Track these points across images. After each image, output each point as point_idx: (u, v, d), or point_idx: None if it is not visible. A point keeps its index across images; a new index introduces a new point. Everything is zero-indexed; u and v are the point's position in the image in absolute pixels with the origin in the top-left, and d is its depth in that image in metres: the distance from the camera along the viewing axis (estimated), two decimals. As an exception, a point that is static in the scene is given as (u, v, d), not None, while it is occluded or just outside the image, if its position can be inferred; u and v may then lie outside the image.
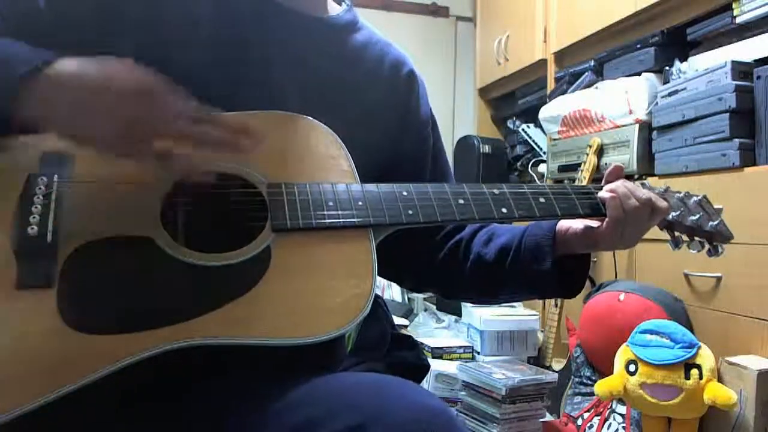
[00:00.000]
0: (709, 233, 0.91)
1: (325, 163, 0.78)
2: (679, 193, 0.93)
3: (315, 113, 0.80)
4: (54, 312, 0.63)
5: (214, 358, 0.68)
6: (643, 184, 0.90)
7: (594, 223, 0.87)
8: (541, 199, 0.84)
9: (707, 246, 0.93)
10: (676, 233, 0.93)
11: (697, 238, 0.93)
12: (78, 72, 0.66)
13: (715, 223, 0.91)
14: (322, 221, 0.72)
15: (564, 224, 0.89)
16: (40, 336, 0.62)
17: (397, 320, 2.06)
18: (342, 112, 0.85)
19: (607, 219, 0.85)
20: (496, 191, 0.82)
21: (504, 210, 0.81)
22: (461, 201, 0.80)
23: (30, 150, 0.69)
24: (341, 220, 0.73)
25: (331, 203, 0.73)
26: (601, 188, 0.88)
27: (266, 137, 0.73)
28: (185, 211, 0.74)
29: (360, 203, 0.75)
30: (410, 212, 0.76)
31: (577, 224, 0.89)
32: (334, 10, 0.94)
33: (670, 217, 0.89)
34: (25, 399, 0.58)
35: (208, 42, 0.80)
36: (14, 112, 0.65)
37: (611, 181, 0.89)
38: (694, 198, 0.93)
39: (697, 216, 0.90)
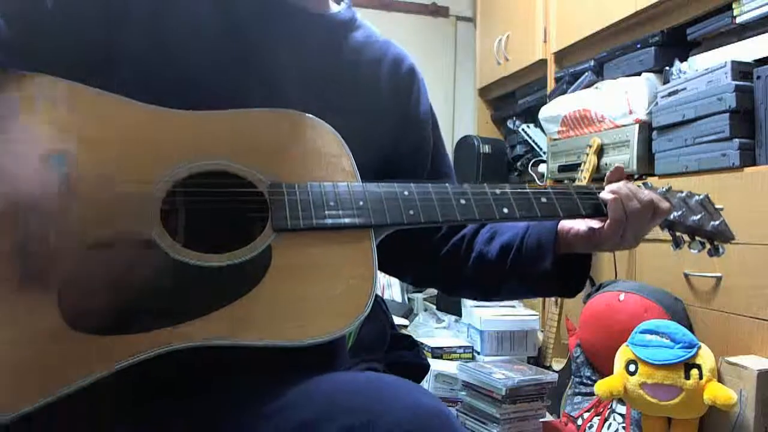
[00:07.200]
0: (710, 233, 0.91)
1: (327, 162, 0.77)
2: (681, 192, 0.92)
3: (315, 110, 0.80)
4: (55, 312, 0.62)
5: (213, 358, 0.68)
6: (645, 184, 0.90)
7: (596, 224, 0.87)
8: (543, 200, 0.83)
9: (708, 246, 0.92)
10: (678, 233, 0.92)
11: (698, 238, 0.92)
12: None
13: (717, 223, 0.91)
14: (323, 221, 0.72)
15: (566, 224, 0.89)
16: (41, 335, 0.61)
17: (397, 320, 2.06)
18: (342, 109, 0.84)
19: (608, 220, 0.84)
20: (497, 191, 0.82)
21: (506, 210, 0.80)
22: (463, 201, 0.79)
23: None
24: (342, 220, 0.73)
25: (332, 203, 0.73)
26: (602, 189, 0.88)
27: (268, 135, 0.73)
28: (185, 211, 0.73)
29: (361, 203, 0.74)
30: (411, 212, 0.76)
31: (579, 224, 0.88)
32: (333, 8, 0.94)
33: (672, 216, 0.89)
34: (26, 400, 0.58)
35: (210, 39, 0.80)
36: None
37: (613, 182, 0.88)
38: (696, 198, 0.93)
39: (699, 216, 0.90)
